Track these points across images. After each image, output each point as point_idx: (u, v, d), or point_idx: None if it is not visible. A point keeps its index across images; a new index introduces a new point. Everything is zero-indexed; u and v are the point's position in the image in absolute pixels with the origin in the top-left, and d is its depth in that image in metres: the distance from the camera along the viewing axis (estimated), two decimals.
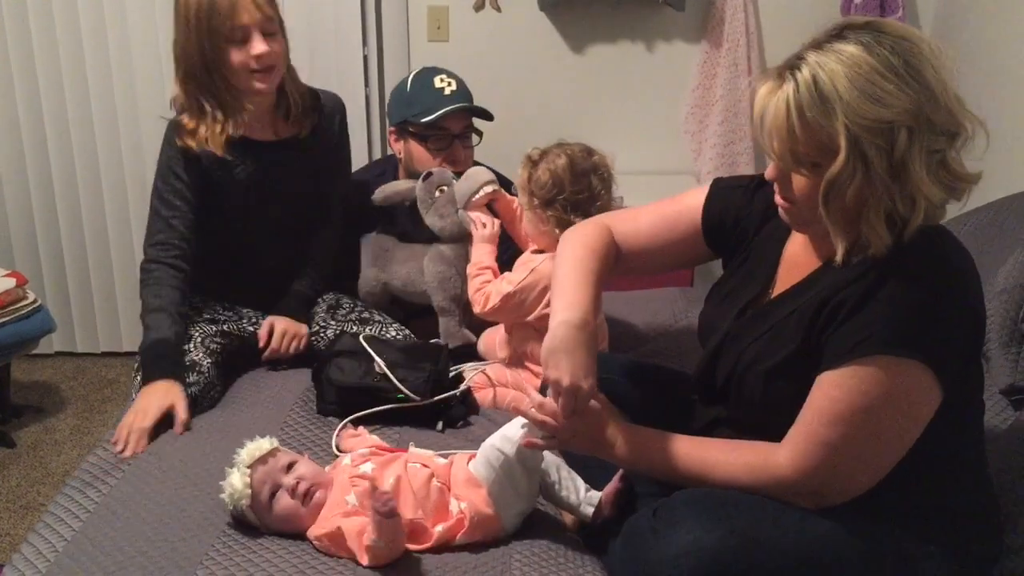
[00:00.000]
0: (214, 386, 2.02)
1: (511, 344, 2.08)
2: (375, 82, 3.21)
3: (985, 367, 1.60)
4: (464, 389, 1.98)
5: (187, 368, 1.99)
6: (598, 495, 1.53)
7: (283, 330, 2.15)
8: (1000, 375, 1.84)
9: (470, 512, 1.52)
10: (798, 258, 1.45)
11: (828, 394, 1.29)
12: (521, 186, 2.01)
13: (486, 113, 2.36)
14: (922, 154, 1.23)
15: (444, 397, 1.92)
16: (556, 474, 1.57)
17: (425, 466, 1.58)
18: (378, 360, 1.94)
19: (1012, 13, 2.59)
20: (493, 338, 2.15)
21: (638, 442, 1.44)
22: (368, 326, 2.21)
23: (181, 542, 1.51)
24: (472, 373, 2.07)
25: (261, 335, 2.14)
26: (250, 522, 1.54)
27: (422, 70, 2.38)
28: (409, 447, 1.67)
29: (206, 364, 2.03)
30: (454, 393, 1.94)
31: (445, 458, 1.63)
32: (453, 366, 2.07)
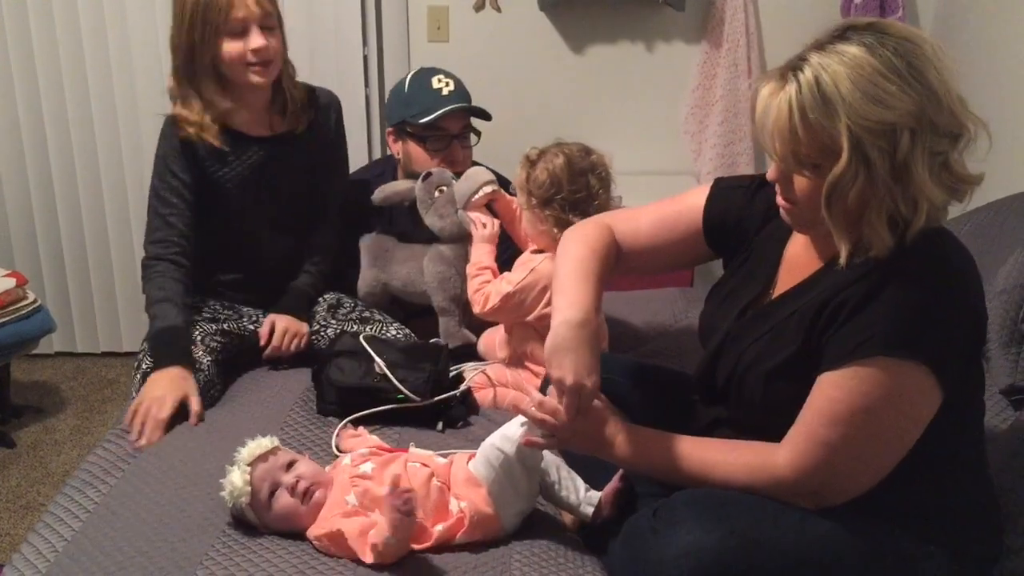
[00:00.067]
0: (214, 385, 2.03)
1: (511, 344, 2.08)
2: (375, 82, 3.21)
3: (985, 367, 1.60)
4: (464, 389, 1.98)
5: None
6: (598, 495, 1.53)
7: (284, 328, 2.15)
8: (1000, 375, 1.84)
9: (470, 511, 1.52)
10: (799, 259, 1.45)
11: (828, 395, 1.29)
12: (519, 186, 2.01)
13: (484, 113, 2.36)
14: (924, 156, 1.22)
15: (444, 397, 1.92)
16: (556, 474, 1.57)
17: (425, 465, 1.58)
18: (378, 360, 1.94)
19: (1012, 13, 2.59)
20: (493, 338, 2.15)
21: (638, 442, 1.44)
22: (368, 325, 2.21)
23: (181, 542, 1.51)
24: (472, 373, 2.07)
25: (262, 333, 2.15)
26: (249, 521, 1.54)
27: (420, 70, 2.38)
28: (409, 447, 1.67)
29: (206, 363, 2.03)
30: (454, 393, 1.94)
31: (445, 458, 1.63)
32: (453, 366, 2.07)
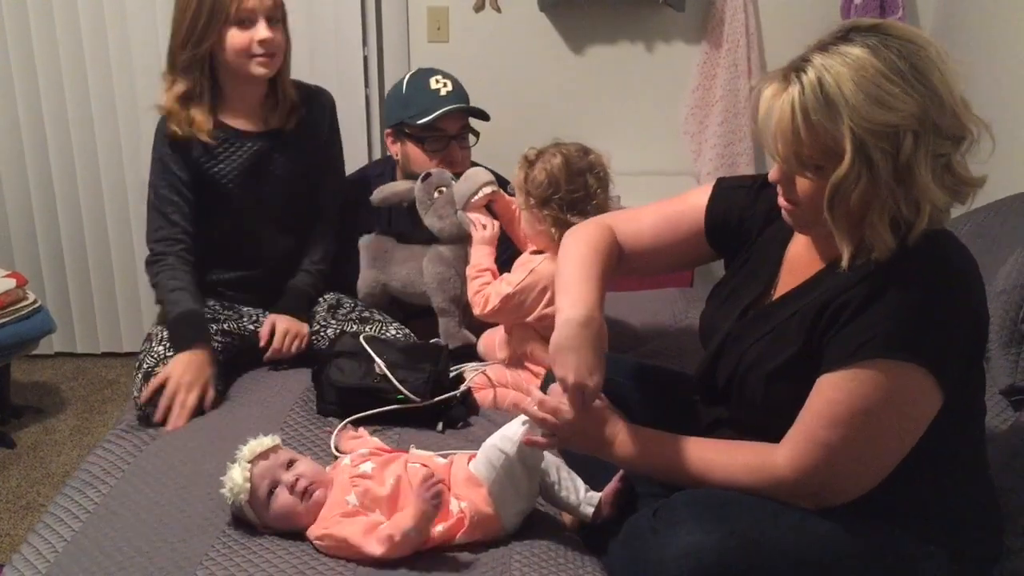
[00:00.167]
0: (215, 385, 2.02)
1: (511, 345, 2.08)
2: (375, 82, 3.21)
3: (986, 368, 1.60)
4: (464, 390, 1.98)
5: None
6: (598, 495, 1.53)
7: (285, 329, 2.15)
8: (1000, 375, 1.84)
9: (470, 511, 1.52)
10: (800, 259, 1.45)
11: (828, 396, 1.28)
12: (518, 186, 2.01)
13: (483, 114, 2.36)
14: (927, 158, 1.22)
15: (444, 398, 1.92)
16: (556, 474, 1.57)
17: (425, 466, 1.58)
18: (378, 361, 1.94)
19: (1012, 13, 2.58)
20: (493, 339, 2.15)
21: (638, 442, 1.44)
22: (368, 325, 2.21)
23: (181, 542, 1.51)
24: (472, 374, 2.07)
25: (262, 334, 2.15)
26: (248, 519, 1.54)
27: (418, 71, 2.38)
28: (410, 449, 1.67)
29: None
30: (454, 394, 1.94)
31: (445, 458, 1.63)
32: (453, 367, 2.07)
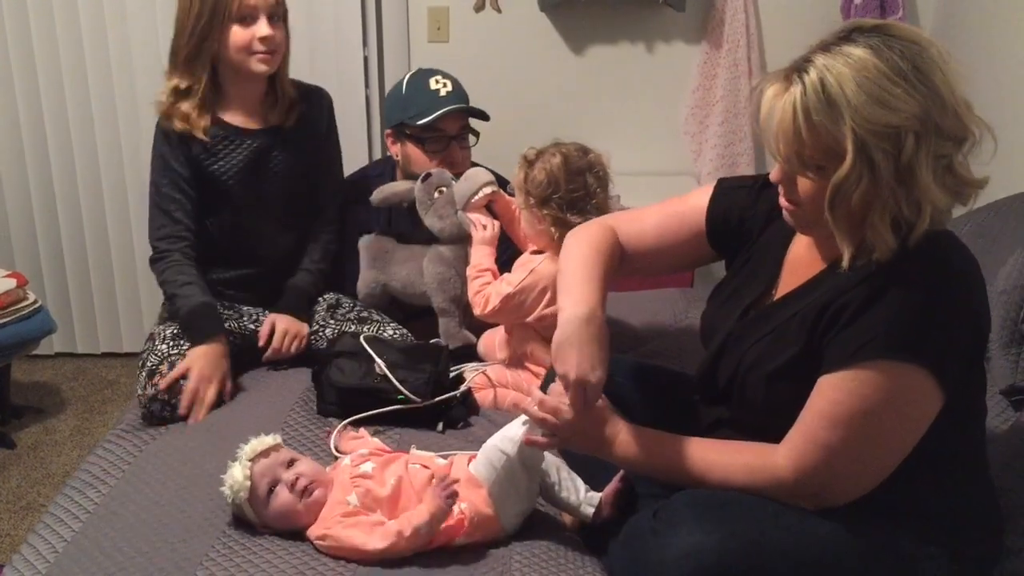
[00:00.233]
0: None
1: (511, 345, 2.08)
2: (375, 83, 3.21)
3: (986, 368, 1.60)
4: (464, 390, 1.98)
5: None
6: (598, 496, 1.53)
7: (284, 330, 2.15)
8: (1000, 376, 1.83)
9: (470, 512, 1.51)
10: (802, 260, 1.45)
11: (828, 397, 1.28)
12: (517, 185, 2.01)
13: (482, 114, 2.35)
14: (929, 159, 1.22)
15: (444, 398, 1.92)
16: (556, 475, 1.57)
17: (425, 467, 1.58)
18: (378, 361, 1.94)
19: (1012, 13, 2.58)
20: (493, 339, 2.15)
21: (638, 442, 1.44)
22: (366, 325, 2.21)
23: (181, 543, 1.51)
24: (472, 374, 2.07)
25: (262, 334, 2.15)
26: (248, 518, 1.54)
27: (417, 71, 2.38)
28: (410, 449, 1.67)
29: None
30: (454, 394, 1.94)
31: (445, 459, 1.63)
32: (453, 367, 2.07)
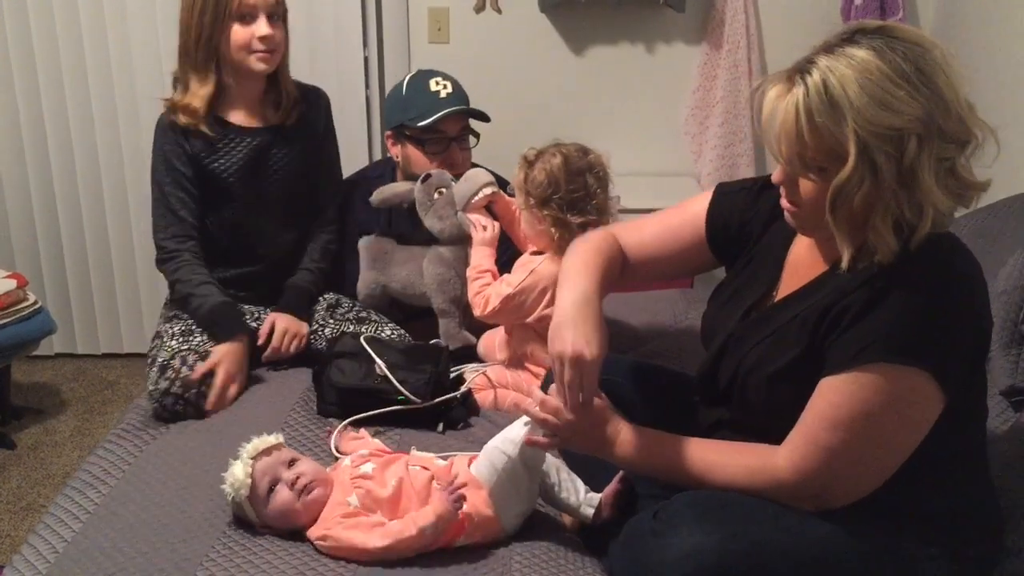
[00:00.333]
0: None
1: (511, 346, 2.08)
2: (375, 83, 3.21)
3: (987, 369, 1.60)
4: (465, 391, 1.98)
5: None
6: (598, 497, 1.53)
7: (284, 329, 2.16)
8: (1000, 376, 1.83)
9: (471, 513, 1.51)
10: (803, 261, 1.45)
11: (829, 399, 1.28)
12: (517, 186, 2.01)
13: (483, 115, 2.36)
14: (931, 162, 1.21)
15: (445, 399, 1.92)
16: (556, 476, 1.57)
17: (425, 468, 1.58)
18: (379, 362, 1.94)
19: (1012, 13, 2.58)
20: (493, 340, 2.15)
21: (638, 442, 1.44)
22: (365, 325, 2.22)
23: (181, 543, 1.51)
24: (473, 375, 2.07)
25: (262, 332, 2.16)
26: (247, 516, 1.54)
27: (417, 73, 2.38)
28: (411, 450, 1.67)
29: None
30: (455, 395, 1.94)
31: (445, 460, 1.63)
32: (453, 368, 2.07)
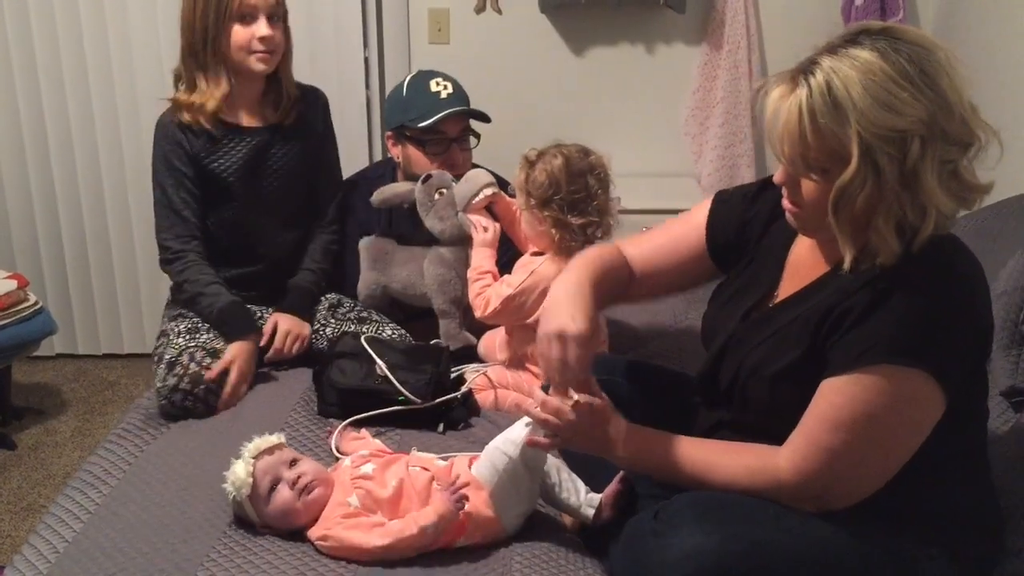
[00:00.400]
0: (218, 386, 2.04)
1: (511, 346, 2.08)
2: (376, 84, 3.21)
3: (988, 371, 1.60)
4: (465, 391, 1.98)
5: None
6: (598, 497, 1.53)
7: (286, 330, 2.16)
8: (1001, 377, 1.83)
9: (472, 513, 1.51)
10: (804, 261, 1.45)
11: (831, 400, 1.28)
12: (518, 187, 2.01)
13: (483, 115, 2.36)
14: (934, 164, 1.22)
15: (445, 399, 1.92)
16: (556, 476, 1.57)
17: (426, 469, 1.58)
18: (379, 362, 1.94)
19: (1012, 13, 2.58)
20: (493, 340, 2.15)
21: (639, 442, 1.44)
22: (366, 325, 2.22)
23: (182, 543, 1.51)
24: (473, 375, 2.07)
25: (265, 331, 2.16)
26: (248, 516, 1.54)
27: (418, 74, 2.38)
28: (411, 451, 1.67)
29: (210, 363, 2.03)
30: (455, 395, 1.94)
31: (446, 460, 1.63)
32: (454, 368, 2.07)
